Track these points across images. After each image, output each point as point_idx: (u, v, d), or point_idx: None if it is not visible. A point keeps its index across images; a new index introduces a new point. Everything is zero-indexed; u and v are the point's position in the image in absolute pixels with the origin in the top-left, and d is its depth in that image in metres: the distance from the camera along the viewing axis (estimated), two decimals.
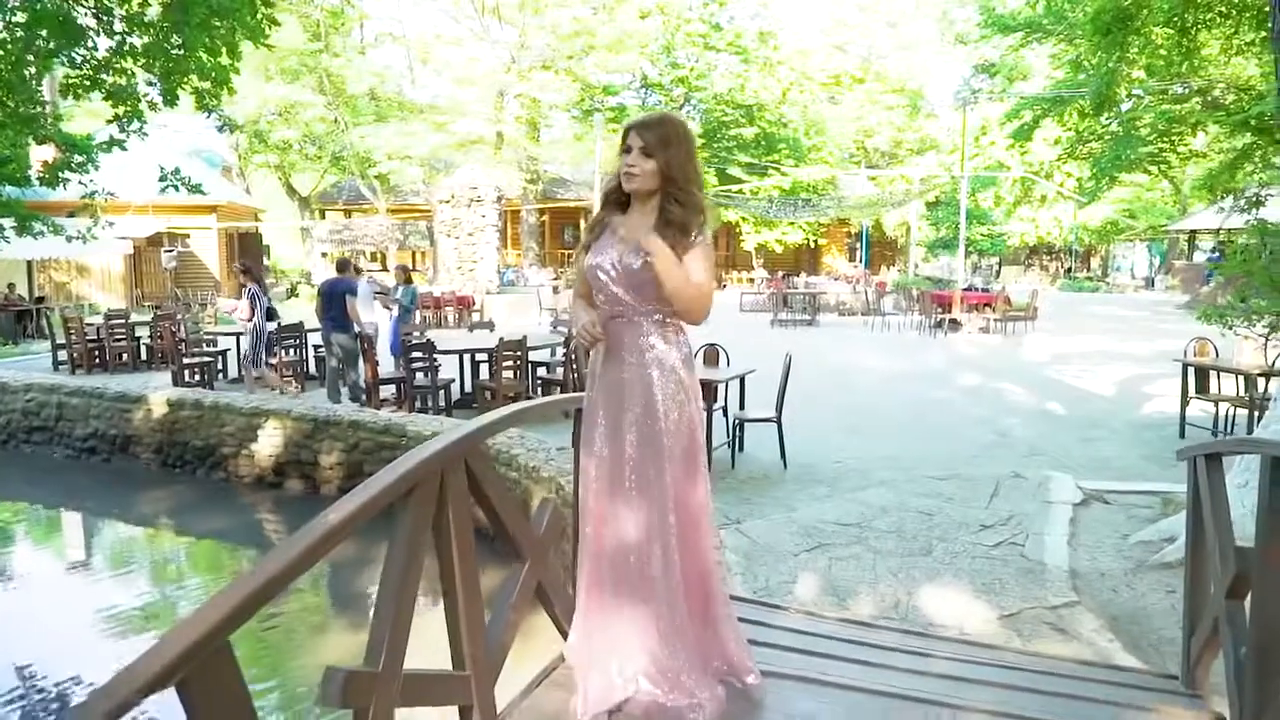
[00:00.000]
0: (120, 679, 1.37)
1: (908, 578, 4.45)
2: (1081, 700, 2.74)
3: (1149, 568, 4.56)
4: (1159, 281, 33.38)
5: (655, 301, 2.47)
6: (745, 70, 32.40)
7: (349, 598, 6.65)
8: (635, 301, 2.47)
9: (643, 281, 2.44)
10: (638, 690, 2.48)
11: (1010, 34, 20.71)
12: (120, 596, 6.45)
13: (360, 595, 6.50)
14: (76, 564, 7.64)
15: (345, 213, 33.08)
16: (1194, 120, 19.26)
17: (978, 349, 15.30)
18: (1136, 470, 6.81)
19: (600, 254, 2.51)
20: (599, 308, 2.55)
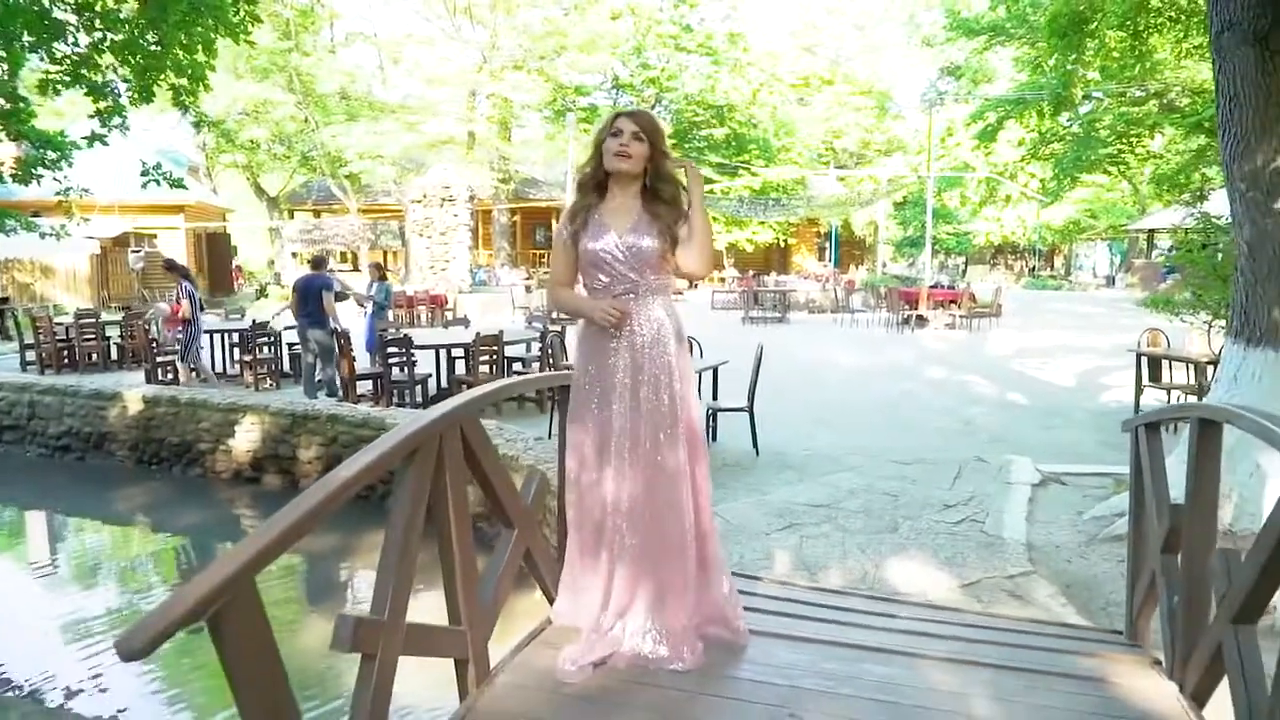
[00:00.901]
0: (157, 613, 1.52)
1: (875, 553, 4.67)
2: (1034, 650, 2.96)
3: (1100, 540, 4.83)
4: (1119, 280, 34.17)
5: (656, 275, 2.65)
6: (716, 71, 32.69)
7: (320, 590, 6.74)
8: (639, 277, 2.65)
9: (647, 258, 2.63)
10: (626, 645, 2.66)
11: (975, 37, 21.14)
12: (93, 593, 6.49)
13: (332, 586, 6.59)
14: (46, 562, 7.64)
15: (314, 213, 32.86)
16: (1151, 122, 19.80)
17: (944, 344, 15.65)
18: (1092, 454, 7.10)
19: (596, 238, 2.67)
20: (598, 288, 2.71)
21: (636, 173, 2.67)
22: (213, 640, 1.67)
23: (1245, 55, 4.31)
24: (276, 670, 1.77)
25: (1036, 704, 2.48)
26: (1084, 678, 2.68)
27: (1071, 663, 2.83)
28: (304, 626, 5.95)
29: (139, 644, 1.47)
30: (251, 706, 1.73)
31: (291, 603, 6.37)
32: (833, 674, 2.64)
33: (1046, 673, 2.70)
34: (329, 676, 4.47)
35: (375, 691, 2.07)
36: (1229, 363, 4.69)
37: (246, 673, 1.71)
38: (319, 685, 4.45)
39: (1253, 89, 4.32)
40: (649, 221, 2.65)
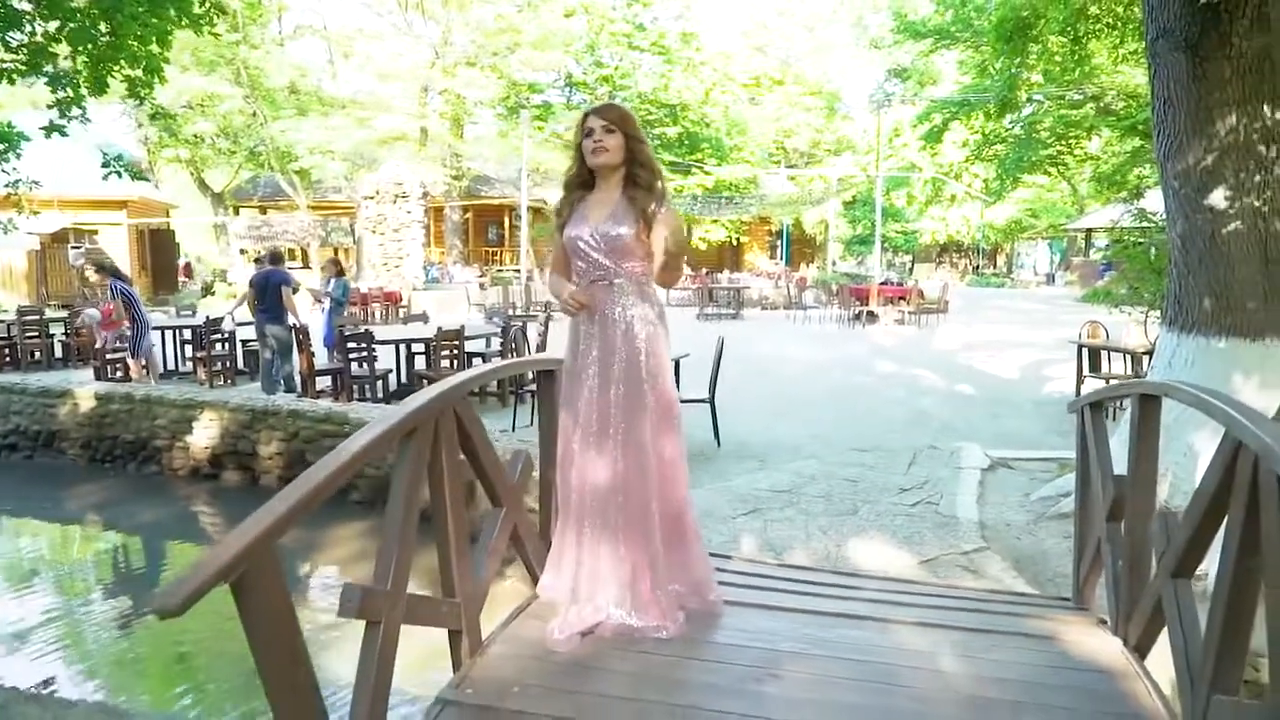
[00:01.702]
0: (191, 574, 1.61)
1: (837, 534, 4.87)
2: (992, 615, 3.16)
3: (1047, 518, 5.09)
4: (1059, 277, 35.27)
5: (631, 263, 2.78)
6: (669, 70, 32.92)
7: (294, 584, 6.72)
8: (613, 264, 2.78)
9: (620, 246, 2.75)
10: (609, 616, 2.79)
11: (921, 40, 21.65)
12: (47, 594, 6.39)
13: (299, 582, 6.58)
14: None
15: (261, 209, 32.25)
16: (1089, 125, 20.52)
17: (894, 339, 16.05)
18: (1037, 440, 7.42)
19: (577, 227, 2.81)
20: (578, 274, 2.85)
21: (617, 163, 2.80)
22: (235, 602, 1.76)
23: (1177, 61, 4.59)
24: (294, 632, 1.87)
25: (997, 660, 2.67)
26: (1038, 637, 2.89)
27: (1026, 625, 3.04)
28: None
29: (175, 603, 1.56)
30: (271, 666, 1.82)
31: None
32: (807, 638, 2.80)
33: (1004, 633, 2.91)
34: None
35: (380, 657, 2.18)
36: (1164, 350, 4.99)
37: (267, 634, 1.81)
38: None
39: (1184, 93, 4.60)
40: (626, 209, 2.78)
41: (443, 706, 2.42)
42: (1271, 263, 4.47)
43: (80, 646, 5.07)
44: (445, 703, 2.43)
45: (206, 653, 5.11)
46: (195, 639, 5.35)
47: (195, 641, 5.31)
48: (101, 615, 5.77)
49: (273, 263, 10.08)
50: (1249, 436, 1.90)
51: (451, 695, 2.46)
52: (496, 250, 35.99)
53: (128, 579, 6.88)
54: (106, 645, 5.14)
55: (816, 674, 2.55)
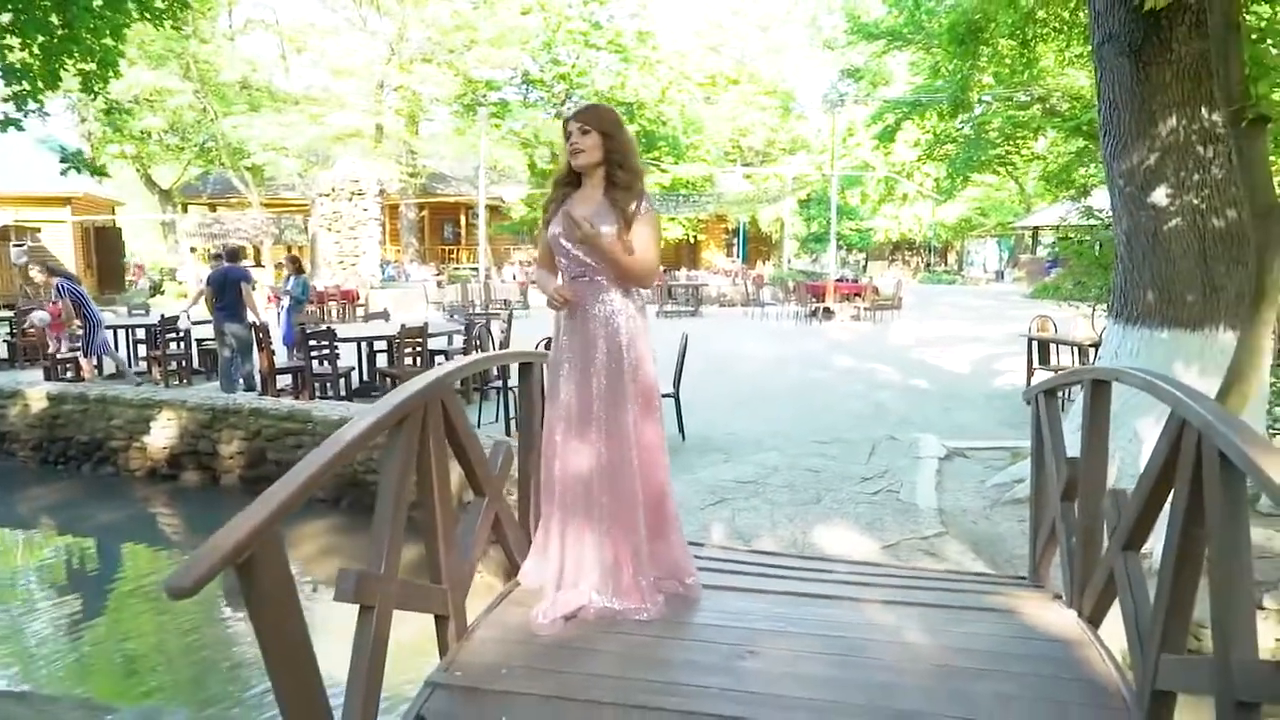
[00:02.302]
0: (201, 557, 1.67)
1: (802, 522, 5.01)
2: (954, 593, 3.32)
3: (1002, 504, 5.30)
4: (1007, 274, 36.12)
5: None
6: (625, 69, 32.99)
7: None
8: (593, 262, 2.86)
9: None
10: (592, 600, 2.87)
11: (874, 41, 22.03)
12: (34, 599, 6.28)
13: None
14: None
15: (210, 206, 31.61)
16: (1035, 125, 21.06)
17: (850, 335, 16.35)
18: (990, 431, 7.66)
19: (556, 225, 2.89)
20: (561, 270, 2.93)
21: (596, 162, 2.88)
22: (241, 584, 1.82)
23: (1122, 66, 4.81)
24: (297, 614, 1.93)
25: (960, 633, 2.81)
26: (998, 611, 3.05)
27: (987, 601, 3.20)
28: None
29: (187, 584, 1.62)
30: (275, 647, 1.88)
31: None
32: (782, 617, 2.92)
33: (967, 609, 3.06)
34: None
35: (374, 639, 2.23)
36: (1110, 341, 5.22)
37: (271, 616, 1.86)
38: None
39: (1129, 96, 4.82)
40: (608, 209, 2.87)
41: (433, 689, 2.48)
42: (1210, 258, 4.71)
43: (23, 648, 5.01)
44: (435, 685, 2.50)
45: (157, 652, 5.10)
46: (141, 639, 5.33)
47: (140, 639, 5.29)
48: (53, 617, 5.69)
49: (230, 260, 9.95)
50: (1193, 415, 2.05)
51: (440, 678, 2.53)
52: (453, 248, 35.76)
53: (82, 581, 6.78)
54: (61, 648, 5.08)
55: (792, 650, 2.66)
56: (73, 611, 5.84)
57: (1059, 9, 8.04)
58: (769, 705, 2.34)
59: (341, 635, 2.45)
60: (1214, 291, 4.73)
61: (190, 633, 5.45)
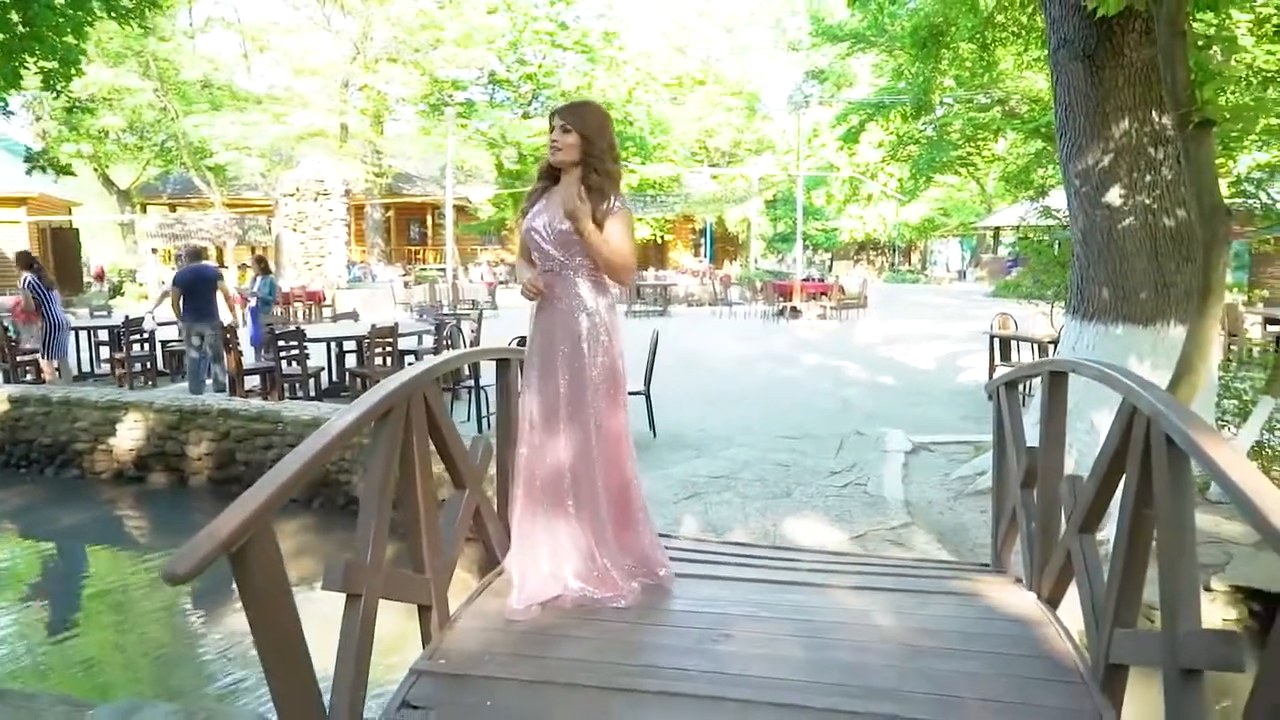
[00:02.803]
0: (195, 545, 1.72)
1: (773, 514, 5.12)
2: (917, 578, 3.44)
3: (966, 495, 5.45)
4: (970, 273, 36.72)
5: (582, 256, 2.94)
6: (592, 69, 33.04)
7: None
8: (564, 257, 2.94)
9: (570, 240, 2.91)
10: (567, 588, 2.95)
11: (838, 43, 22.26)
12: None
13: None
14: None
15: (170, 206, 31.12)
16: (995, 127, 21.45)
17: (817, 333, 16.56)
18: (953, 426, 7.85)
19: (535, 218, 2.96)
20: (535, 263, 3.00)
21: (574, 160, 2.95)
22: (235, 572, 1.86)
23: (1077, 70, 4.98)
24: (290, 603, 1.98)
25: (926, 615, 2.93)
26: (962, 595, 3.17)
27: (951, 585, 3.32)
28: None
29: (183, 570, 1.67)
30: (267, 635, 1.93)
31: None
32: (754, 603, 3.02)
33: (932, 593, 3.18)
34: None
35: (361, 627, 2.29)
36: (1068, 336, 5.39)
37: (264, 604, 1.91)
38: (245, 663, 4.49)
39: (1083, 99, 5.00)
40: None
41: (418, 677, 2.54)
42: (1161, 255, 4.90)
43: None
44: (420, 673, 2.55)
45: (120, 651, 5.08)
46: (108, 640, 5.30)
47: (106, 640, 5.27)
48: (17, 619, 5.64)
49: (197, 259, 9.86)
50: (1143, 403, 2.18)
51: (425, 666, 2.58)
52: (419, 249, 35.55)
53: (44, 585, 6.70)
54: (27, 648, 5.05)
55: (765, 633, 2.76)
56: (39, 614, 5.78)
57: (1016, 14, 8.25)
58: (743, 685, 2.43)
59: (319, 629, 2.49)
60: (1165, 288, 4.91)
61: (155, 631, 5.44)
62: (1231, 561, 3.96)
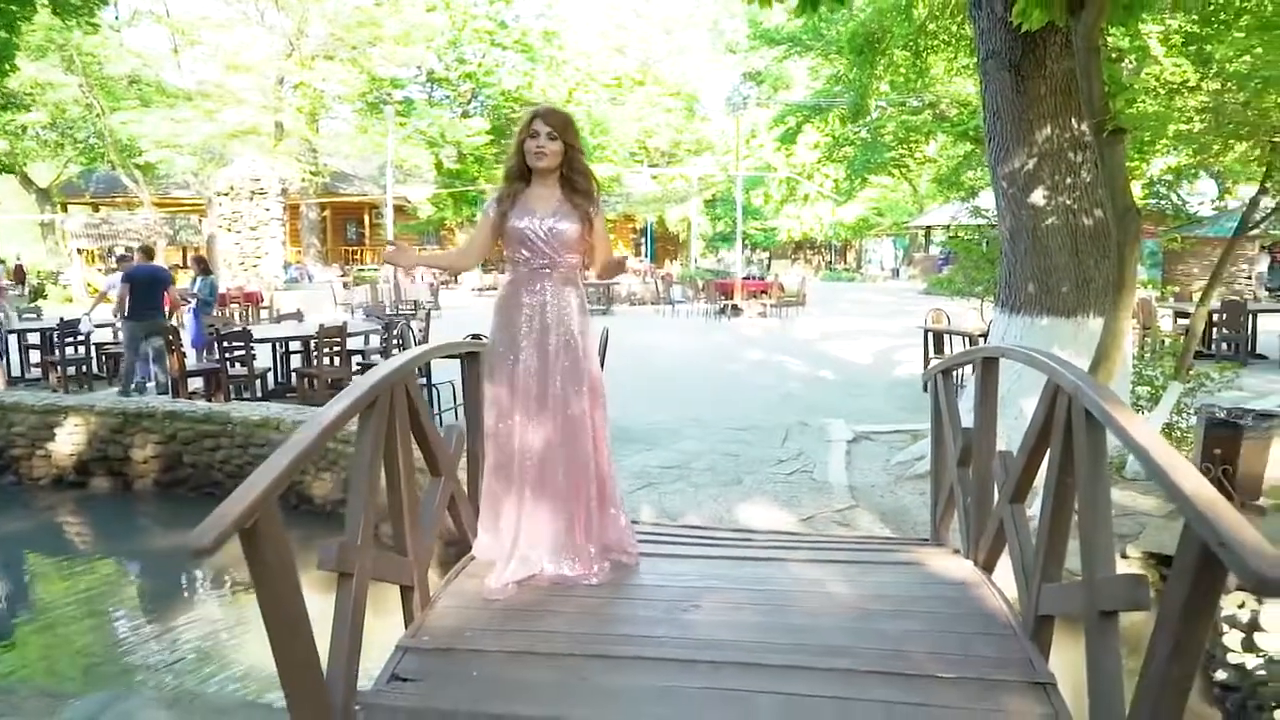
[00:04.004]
0: (214, 521, 1.85)
1: (725, 501, 5.35)
2: (866, 551, 3.70)
3: (906, 479, 5.77)
4: (903, 272, 37.76)
5: (571, 254, 3.12)
6: (532, 69, 33.03)
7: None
8: (556, 255, 3.10)
9: (564, 240, 3.08)
10: (544, 567, 3.11)
11: (775, 46, 22.77)
12: None
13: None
14: None
15: (94, 206, 30.11)
16: (927, 130, 22.21)
17: (758, 330, 16.95)
18: (892, 416, 8.21)
19: (521, 218, 3.10)
20: (520, 261, 3.13)
21: (555, 167, 3.12)
22: (246, 551, 1.99)
23: (1004, 79, 5.33)
24: (296, 582, 2.11)
25: (873, 582, 3.18)
26: (907, 564, 3.43)
27: (896, 557, 3.59)
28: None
29: (208, 542, 1.80)
30: (274, 613, 2.06)
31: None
32: (717, 576, 3.23)
33: (879, 563, 3.43)
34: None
35: (354, 604, 2.43)
36: (997, 328, 5.75)
37: (273, 583, 2.04)
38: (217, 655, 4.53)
39: (1010, 106, 5.35)
40: (569, 209, 3.11)
41: (404, 653, 2.68)
42: (1081, 252, 5.27)
43: None
44: (405, 649, 2.69)
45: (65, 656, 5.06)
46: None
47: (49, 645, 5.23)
48: None
49: (147, 257, 9.70)
50: (1065, 381, 2.45)
51: (410, 642, 2.72)
52: (357, 249, 35.07)
53: None
54: None
55: (728, 603, 2.97)
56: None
57: (947, 23, 8.66)
58: (711, 648, 2.64)
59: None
60: (1085, 283, 5.30)
61: (94, 636, 5.41)
62: (1144, 531, 4.32)
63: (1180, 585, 1.75)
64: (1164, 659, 1.81)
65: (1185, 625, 1.76)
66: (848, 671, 2.49)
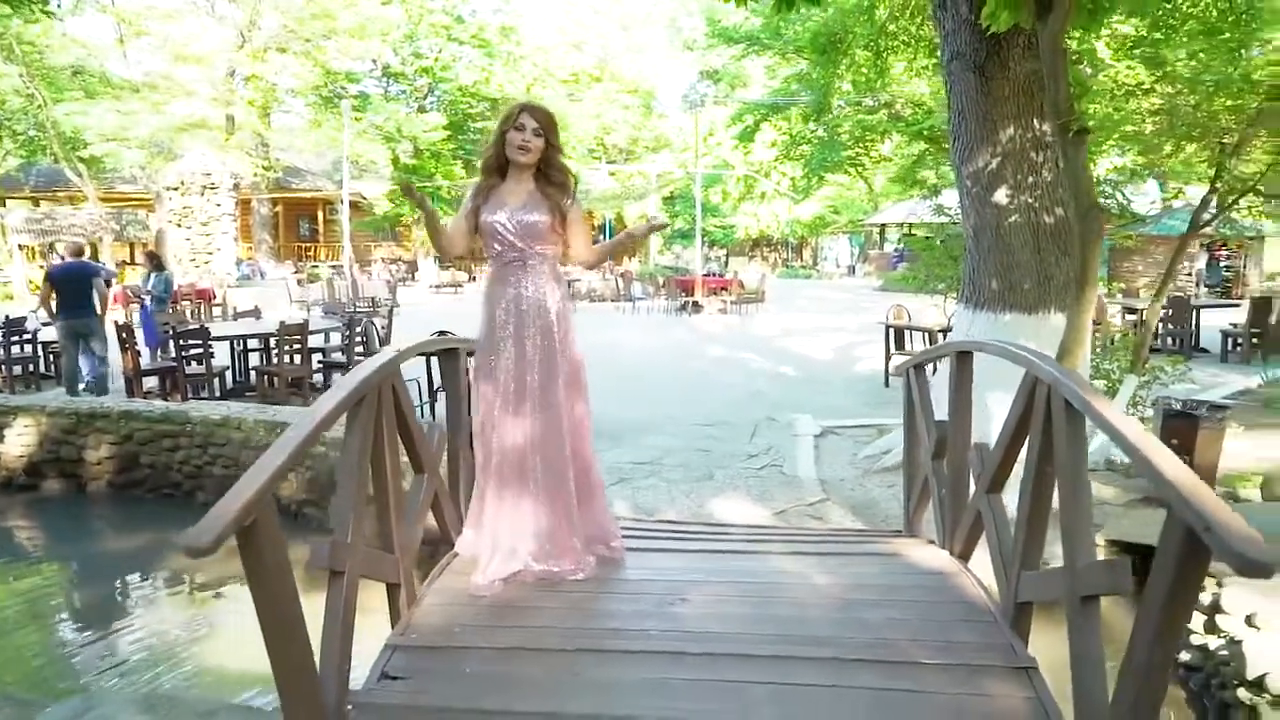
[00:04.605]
0: (213, 520, 1.82)
1: (698, 496, 5.40)
2: (841, 543, 3.76)
3: (873, 472, 5.87)
4: (859, 269, 38.26)
5: (543, 246, 3.11)
6: (490, 64, 32.75)
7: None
8: (526, 247, 3.10)
9: (534, 232, 3.08)
10: (529, 563, 3.11)
11: (734, 45, 22.86)
12: None
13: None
14: None
15: (34, 200, 29.13)
16: (882, 129, 22.51)
17: (719, 327, 17.05)
18: (856, 411, 8.33)
19: (493, 212, 3.10)
20: (493, 255, 3.13)
21: (534, 162, 3.12)
22: (242, 550, 1.97)
23: (969, 80, 5.44)
24: (292, 581, 2.08)
25: (854, 573, 3.24)
26: (885, 555, 3.50)
27: (874, 548, 3.66)
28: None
29: (207, 541, 1.77)
30: (270, 613, 2.04)
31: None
32: (700, 569, 3.26)
33: (858, 554, 3.50)
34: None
35: (345, 603, 2.41)
36: (960, 323, 5.87)
37: (269, 582, 2.02)
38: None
39: (974, 107, 5.46)
40: (540, 200, 3.12)
41: (393, 651, 2.66)
42: (1042, 250, 5.40)
43: None
44: (394, 648, 2.67)
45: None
46: None
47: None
48: None
49: (77, 255, 9.44)
50: (1044, 373, 2.52)
51: (398, 641, 2.71)
52: (310, 245, 34.43)
53: None
54: None
55: (715, 595, 3.00)
56: None
57: (907, 24, 8.81)
58: (701, 640, 2.67)
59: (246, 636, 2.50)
60: (1046, 279, 5.43)
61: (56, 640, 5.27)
62: (1107, 520, 4.46)
63: (1164, 569, 1.82)
64: (1149, 640, 1.87)
65: (1169, 608, 1.83)
66: (836, 660, 2.54)
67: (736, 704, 2.35)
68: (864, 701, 2.35)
